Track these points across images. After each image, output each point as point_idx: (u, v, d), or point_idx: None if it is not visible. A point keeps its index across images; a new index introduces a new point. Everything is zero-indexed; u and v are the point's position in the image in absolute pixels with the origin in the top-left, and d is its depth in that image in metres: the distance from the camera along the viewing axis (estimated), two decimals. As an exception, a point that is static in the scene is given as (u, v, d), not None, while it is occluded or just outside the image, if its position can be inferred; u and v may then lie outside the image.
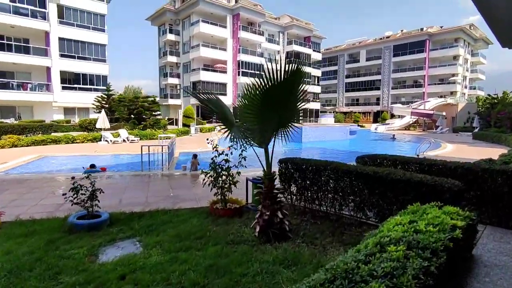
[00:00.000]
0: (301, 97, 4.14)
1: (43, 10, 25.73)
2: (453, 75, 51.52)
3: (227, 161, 5.39)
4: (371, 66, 62.12)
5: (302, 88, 4.06)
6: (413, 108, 41.69)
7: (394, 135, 23.39)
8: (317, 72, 56.95)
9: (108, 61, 30.60)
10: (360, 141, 23.74)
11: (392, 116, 48.57)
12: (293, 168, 5.32)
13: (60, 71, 27.38)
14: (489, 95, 37.87)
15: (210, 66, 41.15)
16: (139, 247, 3.86)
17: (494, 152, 15.66)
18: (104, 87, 29.86)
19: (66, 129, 21.47)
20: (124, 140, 18.86)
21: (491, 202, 4.50)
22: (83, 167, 8.76)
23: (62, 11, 27.22)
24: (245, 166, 5.20)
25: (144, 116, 22.39)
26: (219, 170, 5.24)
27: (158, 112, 26.72)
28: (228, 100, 41.85)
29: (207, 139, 18.91)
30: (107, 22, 31.17)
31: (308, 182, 5.10)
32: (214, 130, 29.02)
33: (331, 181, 4.77)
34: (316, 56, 55.73)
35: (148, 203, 5.93)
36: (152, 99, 23.64)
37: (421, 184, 3.66)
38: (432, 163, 5.20)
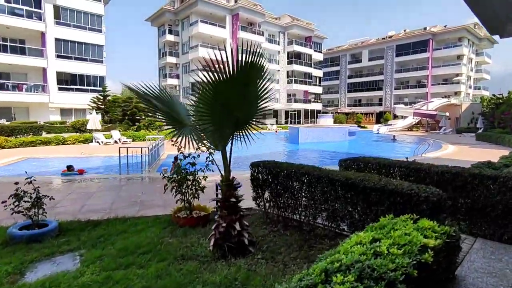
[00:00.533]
0: (263, 95, 3.66)
1: (39, 10, 25.58)
2: (457, 75, 50.63)
3: (193, 164, 4.94)
4: (374, 66, 61.38)
5: (262, 84, 3.59)
6: (415, 109, 40.93)
7: (394, 136, 22.75)
8: (318, 73, 56.41)
9: (105, 62, 30.41)
10: (359, 142, 23.17)
11: (395, 117, 47.77)
12: (264, 172, 4.85)
13: (57, 72, 27.20)
14: (494, 95, 37.02)
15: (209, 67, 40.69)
16: (77, 263, 3.41)
17: (496, 153, 15.02)
18: (102, 88, 29.69)
19: (60, 130, 21.23)
20: (116, 142, 18.51)
21: (483, 211, 3.99)
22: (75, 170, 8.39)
23: (58, 11, 27.06)
24: (212, 170, 4.75)
25: (138, 117, 22.04)
26: (184, 174, 4.78)
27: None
28: (227, 101, 41.50)
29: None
30: (106, 22, 30.99)
31: (280, 188, 4.62)
32: None
33: (304, 187, 4.29)
34: (318, 57, 55.19)
35: (111, 209, 5.50)
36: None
37: (395, 193, 3.16)
38: (418, 167, 4.70)
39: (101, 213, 5.19)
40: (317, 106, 55.61)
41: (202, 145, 3.93)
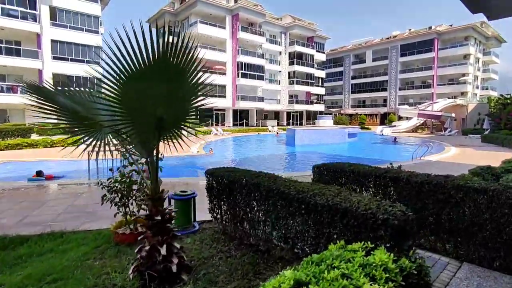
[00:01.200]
0: (198, 90, 3.04)
1: (34, 12, 25.39)
2: (464, 75, 49.35)
3: (138, 172, 4.33)
4: (378, 67, 60.36)
5: (196, 77, 2.97)
6: (420, 110, 39.89)
7: (395, 138, 21.91)
8: (320, 73, 55.59)
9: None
10: (359, 145, 22.38)
11: (400, 118, 46.69)
12: (220, 181, 4.22)
13: (53, 74, 26.97)
14: (501, 95, 35.81)
15: (209, 68, 40.30)
16: (-32, 294, 2.83)
17: (501, 156, 14.13)
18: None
19: (53, 133, 20.87)
20: (106, 144, 18.13)
21: (469, 231, 3.30)
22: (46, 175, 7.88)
23: (54, 13, 26.87)
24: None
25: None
26: (121, 183, 4.18)
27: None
28: (227, 102, 41.04)
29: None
30: (106, 23, 30.74)
31: (234, 199, 3.99)
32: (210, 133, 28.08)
33: (257, 199, 3.65)
34: (320, 57, 54.42)
35: (55, 222, 4.92)
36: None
37: (348, 214, 2.50)
38: (396, 177, 4.02)
39: (39, 227, 4.61)
40: (320, 107, 54.78)
41: (126, 151, 3.32)
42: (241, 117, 43.56)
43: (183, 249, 3.22)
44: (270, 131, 39.03)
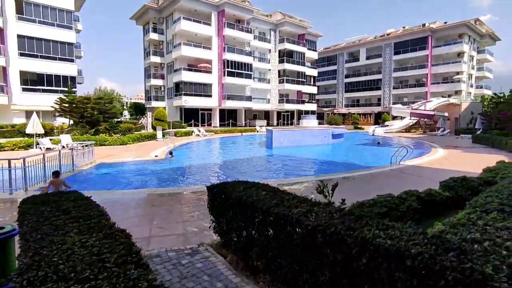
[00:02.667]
0: None
1: (-3, 5, 23.90)
2: (458, 73, 48.11)
3: None
4: (372, 65, 59.09)
5: None
6: (412, 109, 38.61)
7: (378, 142, 20.59)
8: (312, 72, 54.28)
9: (84, 60, 28.73)
10: (343, 147, 21.00)
11: (395, 117, 45.40)
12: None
13: (20, 71, 25.48)
14: (495, 94, 34.63)
15: (194, 66, 38.96)
16: None
17: (489, 160, 12.78)
18: (75, 89, 27.95)
19: (11, 135, 19.46)
20: (63, 147, 16.64)
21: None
22: None
23: (21, 6, 25.35)
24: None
25: (98, 120, 20.14)
26: None
27: (126, 115, 24.40)
28: (213, 102, 39.63)
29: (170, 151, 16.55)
30: (85, 20, 29.27)
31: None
32: (167, 136, 26.44)
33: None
34: (312, 55, 53.06)
35: None
36: (109, 100, 21.37)
37: None
38: (284, 215, 2.61)
39: None
40: (312, 106, 53.47)
41: None
42: (229, 117, 42.14)
43: None
44: (258, 131, 37.65)
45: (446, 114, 39.15)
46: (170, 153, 16.09)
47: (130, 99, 76.48)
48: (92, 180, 9.84)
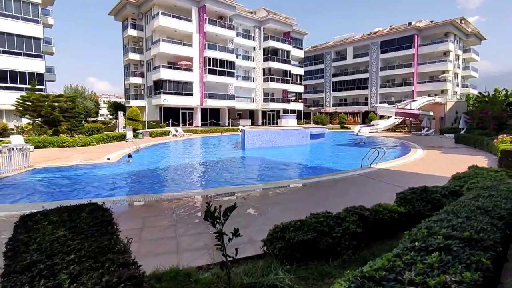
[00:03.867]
0: None
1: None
2: (444, 72, 47.77)
3: None
4: (359, 64, 58.53)
5: None
6: (397, 108, 38.00)
7: (357, 142, 19.66)
8: (298, 70, 53.33)
9: (55, 56, 27.08)
10: (321, 147, 19.99)
11: (382, 117, 44.78)
12: None
13: (-20, 67, 23.81)
14: (480, 92, 34.25)
15: (174, 63, 37.58)
16: None
17: (468, 161, 11.93)
18: (42, 86, 26.36)
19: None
20: (12, 149, 15.20)
21: None
22: None
23: (-20, -2, 23.72)
24: None
25: (58, 119, 18.67)
26: None
27: (107, 115, 22.89)
28: (194, 100, 38.29)
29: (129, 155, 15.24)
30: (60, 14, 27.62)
31: None
32: (140, 137, 25.09)
33: None
34: (297, 53, 52.10)
35: None
36: (71, 98, 19.92)
37: None
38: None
39: None
40: (298, 106, 52.58)
41: None
42: (211, 116, 40.85)
43: None
44: (241, 131, 36.44)
45: (431, 113, 38.67)
46: (129, 155, 14.82)
47: (120, 98, 74.27)
48: (17, 187, 8.56)
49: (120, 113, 24.95)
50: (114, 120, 41.51)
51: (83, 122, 23.93)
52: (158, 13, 34.86)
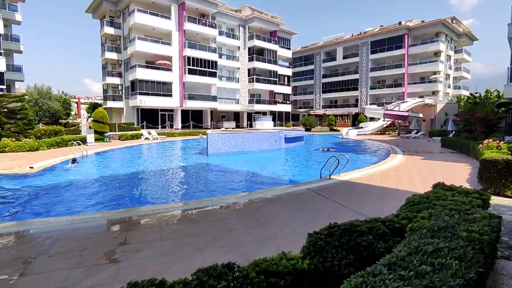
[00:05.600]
0: None
1: None
2: (435, 73, 46.45)
3: None
4: (349, 65, 57.08)
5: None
6: (385, 110, 36.47)
7: (324, 149, 17.94)
8: (286, 71, 51.70)
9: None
10: (294, 153, 18.24)
11: (372, 119, 43.24)
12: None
13: None
14: (471, 93, 32.89)
15: (153, 63, 35.77)
16: None
17: (450, 170, 10.26)
18: (2, 85, 24.42)
19: None
20: None
21: None
22: None
23: None
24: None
25: (1, 121, 16.74)
26: None
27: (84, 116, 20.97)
28: (174, 102, 36.47)
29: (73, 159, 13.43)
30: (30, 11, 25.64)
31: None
32: (107, 140, 23.28)
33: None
34: (285, 53, 50.45)
35: None
36: (18, 99, 18.00)
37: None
38: None
39: None
40: (286, 107, 50.88)
41: None
42: (193, 118, 39.02)
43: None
44: (204, 136, 34.64)
45: (421, 115, 37.23)
46: (73, 160, 13.00)
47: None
48: None
49: (84, 115, 23.05)
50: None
51: (40, 124, 21.97)
52: (134, 9, 33.07)
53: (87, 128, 21.88)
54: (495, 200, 6.30)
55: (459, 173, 9.81)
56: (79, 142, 16.01)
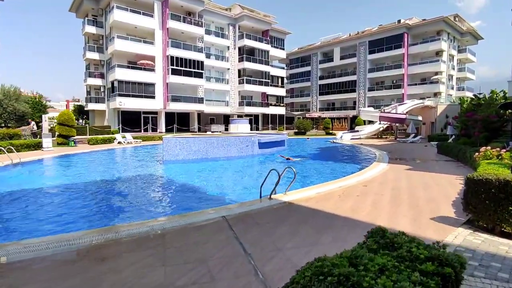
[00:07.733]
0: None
1: None
2: (436, 73, 43.89)
3: None
4: (347, 65, 54.80)
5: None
6: (381, 112, 34.08)
7: (286, 158, 15.54)
8: (280, 72, 49.64)
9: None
10: (266, 161, 15.95)
11: (370, 122, 40.83)
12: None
13: None
14: (475, 95, 30.31)
15: (135, 63, 33.95)
16: None
17: (437, 185, 8.00)
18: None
19: None
20: None
21: None
22: None
23: None
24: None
25: None
26: None
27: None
28: (157, 104, 34.53)
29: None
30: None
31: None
32: (72, 145, 21.16)
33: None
34: (278, 54, 48.38)
35: None
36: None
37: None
38: None
39: None
40: (280, 110, 48.76)
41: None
42: (179, 121, 37.05)
43: None
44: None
45: (420, 118, 34.82)
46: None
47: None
48: None
49: (44, 117, 21.14)
50: (77, 123, 37.72)
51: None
52: (114, 6, 31.33)
53: (47, 132, 19.94)
54: (486, 243, 4.05)
55: (447, 191, 7.54)
56: (11, 148, 13.98)
